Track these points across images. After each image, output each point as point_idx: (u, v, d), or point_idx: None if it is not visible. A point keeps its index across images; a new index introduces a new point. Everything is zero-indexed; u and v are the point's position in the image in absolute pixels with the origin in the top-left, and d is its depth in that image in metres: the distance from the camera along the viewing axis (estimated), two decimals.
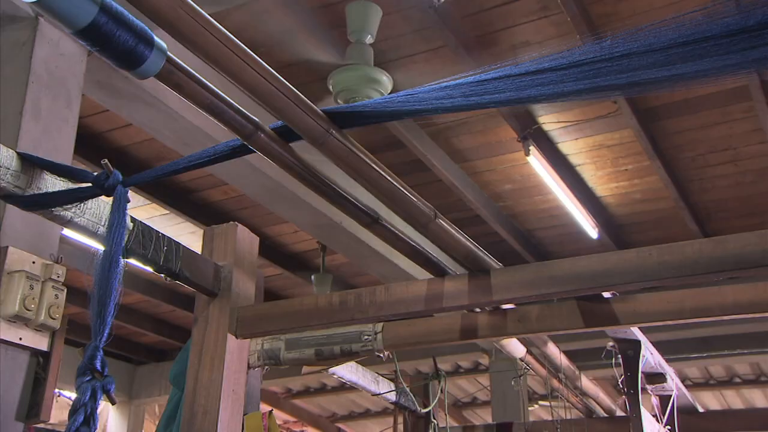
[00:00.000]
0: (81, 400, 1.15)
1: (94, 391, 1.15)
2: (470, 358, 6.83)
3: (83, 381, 1.15)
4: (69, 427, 1.13)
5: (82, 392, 1.15)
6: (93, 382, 1.15)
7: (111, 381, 1.18)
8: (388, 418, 6.26)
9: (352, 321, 2.03)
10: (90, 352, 1.16)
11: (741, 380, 6.39)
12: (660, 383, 2.48)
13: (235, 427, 1.87)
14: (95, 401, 1.15)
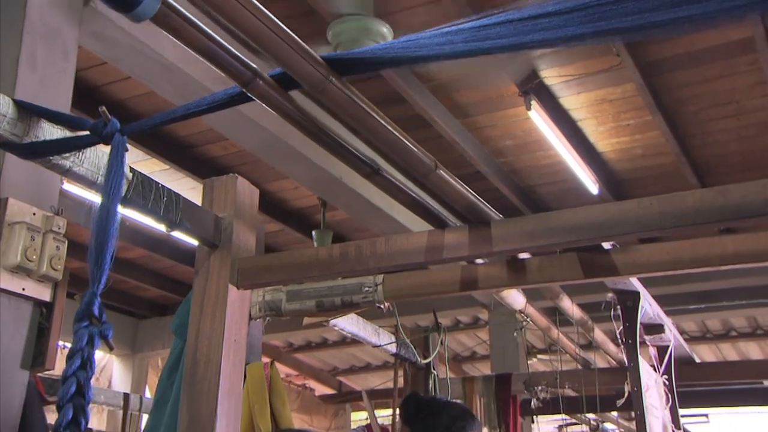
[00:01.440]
0: (77, 346, 1.16)
1: (91, 336, 1.15)
2: (469, 313, 6.90)
3: (80, 327, 1.16)
4: (66, 371, 1.14)
5: (78, 338, 1.15)
6: (90, 328, 1.16)
7: (109, 327, 1.19)
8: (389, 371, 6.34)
9: (352, 272, 2.04)
10: (87, 299, 1.17)
11: (737, 333, 6.46)
12: (658, 334, 2.50)
13: (237, 376, 1.89)
14: (92, 347, 1.16)
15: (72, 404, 1.12)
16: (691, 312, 5.43)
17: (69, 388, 1.13)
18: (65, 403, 1.11)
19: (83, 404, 1.13)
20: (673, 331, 2.58)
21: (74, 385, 1.13)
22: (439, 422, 2.28)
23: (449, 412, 2.33)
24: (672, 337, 2.54)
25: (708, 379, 3.15)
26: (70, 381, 1.13)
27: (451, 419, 2.29)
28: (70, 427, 1.11)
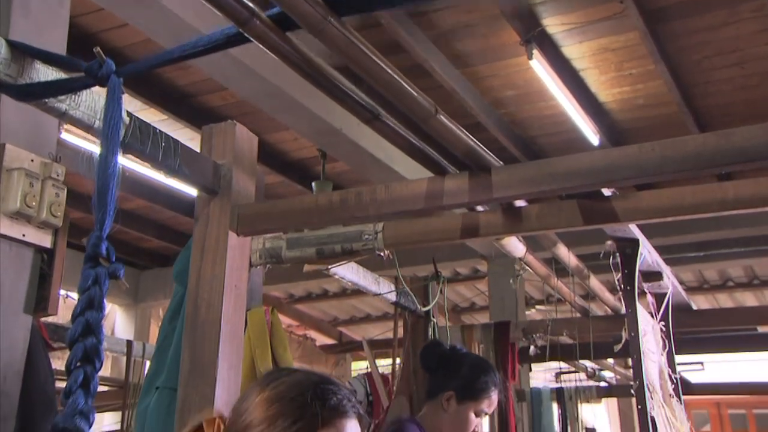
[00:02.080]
0: (84, 285, 1.16)
1: (97, 276, 1.16)
2: (469, 265, 6.95)
3: (86, 268, 1.16)
4: (75, 311, 1.15)
5: (85, 278, 1.16)
6: (97, 269, 1.16)
7: (119, 267, 1.19)
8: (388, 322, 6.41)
9: (352, 219, 2.04)
10: (93, 241, 1.17)
11: (734, 284, 6.52)
12: (656, 281, 2.52)
13: (238, 321, 1.91)
14: (100, 287, 1.16)
15: (82, 344, 1.13)
16: (688, 262, 5.45)
17: (77, 329, 1.14)
18: (75, 342, 1.13)
19: (96, 344, 1.14)
20: (672, 279, 2.59)
21: (83, 325, 1.14)
22: (462, 374, 2.31)
23: (472, 365, 2.36)
24: (670, 284, 2.56)
25: (705, 325, 3.18)
26: (78, 321, 1.14)
27: (474, 373, 2.32)
28: (83, 365, 1.12)
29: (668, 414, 2.15)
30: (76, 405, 1.13)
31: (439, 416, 2.29)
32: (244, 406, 1.16)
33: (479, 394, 2.26)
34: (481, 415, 2.28)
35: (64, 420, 1.09)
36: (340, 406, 1.14)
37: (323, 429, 1.11)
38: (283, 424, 1.10)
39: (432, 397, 2.34)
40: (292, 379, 1.18)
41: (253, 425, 1.12)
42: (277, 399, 1.13)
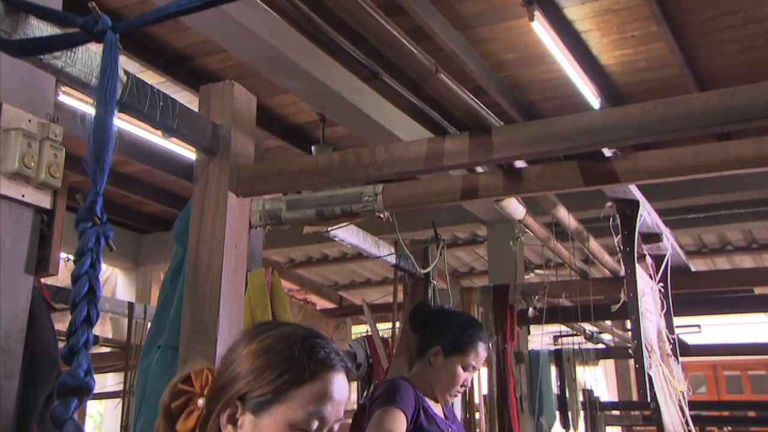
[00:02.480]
0: (86, 246, 1.16)
1: (98, 237, 1.16)
2: (468, 230, 6.95)
3: (86, 227, 1.16)
4: (77, 270, 1.16)
5: (87, 238, 1.16)
6: (97, 228, 1.17)
7: (110, 228, 1.19)
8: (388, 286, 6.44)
9: (351, 180, 2.03)
10: (91, 198, 1.17)
11: (733, 248, 6.53)
12: (656, 243, 2.52)
13: (238, 281, 1.92)
14: (99, 246, 1.17)
15: (86, 301, 1.13)
16: (687, 226, 5.46)
17: (82, 287, 1.14)
18: (80, 301, 1.13)
19: (95, 301, 1.15)
20: (671, 240, 2.60)
21: (87, 284, 1.14)
22: (448, 330, 2.33)
23: (458, 321, 2.38)
24: (669, 246, 2.56)
25: (703, 287, 3.20)
26: (83, 280, 1.15)
27: (459, 328, 2.34)
28: (85, 324, 1.13)
29: (665, 373, 2.18)
30: (83, 363, 1.14)
31: (427, 372, 2.31)
32: (232, 357, 1.17)
33: (465, 347, 2.28)
34: (468, 369, 2.29)
35: (74, 379, 1.10)
36: (327, 360, 1.14)
37: (310, 382, 1.11)
38: (270, 377, 1.11)
39: (421, 355, 2.36)
40: (280, 332, 1.18)
41: (240, 377, 1.13)
42: (264, 352, 1.14)
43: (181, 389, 1.17)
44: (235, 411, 1.12)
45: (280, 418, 1.09)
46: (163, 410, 1.18)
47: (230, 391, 1.13)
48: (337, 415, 1.14)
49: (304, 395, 1.10)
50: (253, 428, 1.10)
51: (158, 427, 1.19)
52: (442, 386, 2.30)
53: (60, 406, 1.06)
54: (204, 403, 1.15)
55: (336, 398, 1.14)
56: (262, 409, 1.10)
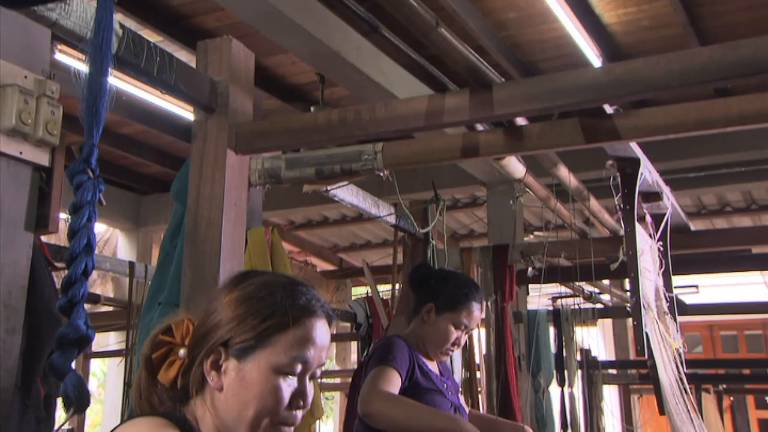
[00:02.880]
0: (85, 199, 1.16)
1: (95, 190, 1.16)
2: (468, 191, 6.94)
3: (84, 180, 1.16)
4: (76, 223, 1.16)
5: (84, 191, 1.16)
6: (94, 181, 1.17)
7: (101, 182, 1.20)
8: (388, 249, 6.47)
9: (351, 138, 2.02)
10: (87, 150, 1.16)
11: (732, 209, 6.53)
12: (656, 202, 2.52)
13: (238, 239, 1.92)
14: (95, 199, 1.17)
15: (84, 254, 1.14)
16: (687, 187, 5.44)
17: (81, 240, 1.15)
18: (79, 253, 1.14)
19: (92, 254, 1.16)
20: (671, 199, 2.59)
21: (85, 238, 1.15)
22: (444, 289, 2.34)
23: (455, 280, 2.39)
24: (669, 205, 2.56)
25: (701, 246, 3.21)
26: (81, 233, 1.15)
27: (455, 286, 2.35)
28: (82, 277, 1.14)
29: (662, 330, 2.19)
30: (82, 314, 1.15)
31: (420, 329, 2.33)
32: (213, 306, 1.17)
33: (458, 305, 2.29)
34: (460, 327, 2.30)
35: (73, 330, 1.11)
36: (309, 306, 1.15)
37: (293, 328, 1.12)
38: (253, 323, 1.12)
39: (416, 312, 2.38)
40: (261, 280, 1.19)
41: (222, 324, 1.14)
42: (246, 299, 1.15)
43: (161, 340, 1.18)
44: (219, 357, 1.13)
45: (263, 363, 1.11)
46: (144, 361, 1.19)
47: (213, 338, 1.14)
48: (319, 360, 1.16)
49: (287, 340, 1.12)
50: (237, 374, 1.12)
51: (139, 378, 1.20)
52: (433, 343, 2.31)
53: (60, 357, 1.07)
54: (185, 352, 1.16)
55: (318, 343, 1.15)
56: (245, 355, 1.12)
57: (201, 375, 1.14)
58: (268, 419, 1.11)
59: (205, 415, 1.14)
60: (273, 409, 1.11)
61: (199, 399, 1.15)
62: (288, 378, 1.12)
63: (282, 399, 1.11)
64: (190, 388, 1.15)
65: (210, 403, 1.14)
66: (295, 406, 1.14)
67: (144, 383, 1.19)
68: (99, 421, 8.15)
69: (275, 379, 1.11)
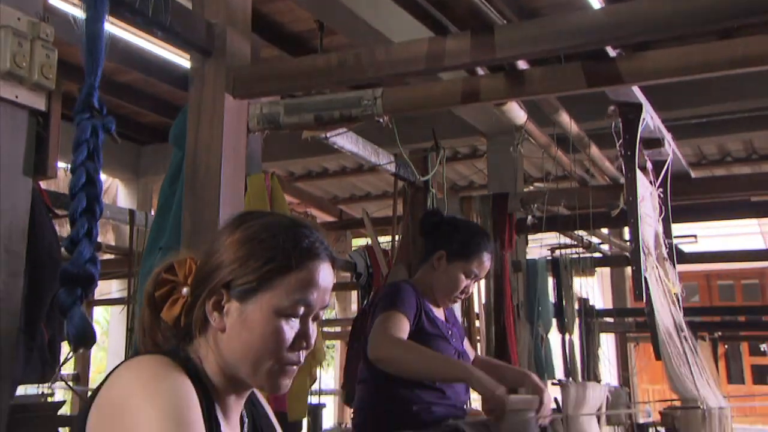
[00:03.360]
0: (82, 137, 1.15)
1: (95, 128, 1.15)
2: (468, 143, 6.91)
3: (82, 118, 1.15)
4: (74, 162, 1.15)
5: (82, 129, 1.15)
6: (92, 120, 1.15)
7: (111, 120, 1.18)
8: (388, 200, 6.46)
9: (350, 81, 2.00)
10: (86, 90, 1.15)
11: (732, 159, 6.50)
12: (657, 148, 2.50)
13: (237, 184, 1.92)
14: (97, 138, 1.15)
15: (84, 193, 1.13)
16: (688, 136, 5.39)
17: (80, 178, 1.14)
18: (78, 191, 1.13)
19: (96, 193, 1.14)
20: (672, 146, 2.58)
21: (84, 174, 1.14)
22: (456, 237, 2.33)
23: (467, 229, 2.39)
24: (670, 151, 2.55)
25: (701, 193, 3.21)
26: (79, 171, 1.14)
27: (467, 235, 2.35)
28: (86, 215, 1.13)
29: (661, 275, 2.21)
30: (85, 253, 1.15)
31: (430, 276, 2.33)
32: (215, 247, 1.16)
33: (470, 254, 2.28)
34: (470, 276, 2.29)
35: (75, 267, 1.11)
36: (312, 249, 1.14)
37: (296, 271, 1.11)
38: (254, 265, 1.11)
39: (425, 259, 2.38)
40: (264, 222, 1.17)
41: (223, 266, 1.13)
42: (247, 240, 1.13)
43: (164, 278, 1.18)
44: (221, 299, 1.13)
45: (265, 306, 1.10)
46: (147, 299, 1.18)
47: (214, 279, 1.13)
48: (322, 302, 1.16)
49: (290, 283, 1.11)
50: (239, 315, 1.11)
51: (143, 316, 1.20)
52: (442, 290, 2.31)
53: (64, 293, 1.08)
54: (188, 291, 1.16)
55: (321, 286, 1.14)
56: (247, 297, 1.11)
57: (203, 315, 1.14)
58: (271, 361, 1.11)
59: (209, 354, 1.15)
60: (275, 351, 1.11)
61: (203, 339, 1.15)
62: (290, 320, 1.12)
63: (284, 341, 1.11)
64: (193, 327, 1.15)
65: (213, 343, 1.14)
66: (298, 347, 1.14)
67: (147, 321, 1.19)
68: (103, 368, 8.29)
69: (277, 322, 1.10)
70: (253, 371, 1.12)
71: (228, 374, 1.14)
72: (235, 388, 1.16)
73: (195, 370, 1.12)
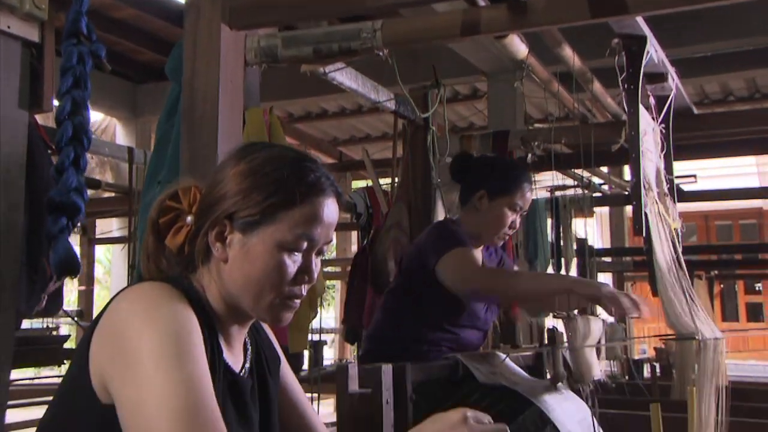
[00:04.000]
0: (68, 63, 1.13)
1: (81, 54, 1.12)
2: (468, 83, 6.83)
3: (69, 44, 1.12)
4: (60, 89, 1.13)
5: (68, 56, 1.12)
6: (79, 47, 1.13)
7: (100, 47, 1.15)
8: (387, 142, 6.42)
9: (348, 12, 1.96)
10: (72, 16, 1.12)
11: (735, 98, 6.43)
12: (660, 83, 2.47)
13: (235, 117, 1.90)
14: (84, 65, 1.13)
15: (71, 121, 1.12)
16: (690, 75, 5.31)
17: (65, 106, 1.12)
18: (63, 119, 1.11)
19: (83, 122, 1.13)
20: (676, 80, 2.54)
21: (70, 102, 1.12)
22: (494, 174, 2.29)
23: (502, 164, 2.38)
24: (674, 86, 2.52)
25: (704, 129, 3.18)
26: (65, 99, 1.13)
27: (504, 170, 2.32)
28: (72, 143, 1.12)
29: (661, 210, 2.21)
30: (70, 182, 1.14)
31: (473, 218, 2.28)
32: (219, 177, 1.15)
33: (511, 188, 2.24)
34: (515, 209, 2.26)
35: (60, 195, 1.10)
36: (318, 184, 1.12)
37: (299, 206, 1.10)
38: (258, 198, 1.10)
39: (465, 203, 2.33)
40: (269, 154, 1.15)
41: (227, 197, 1.12)
42: (252, 173, 1.12)
43: (168, 206, 1.17)
44: (224, 230, 1.12)
45: (268, 239, 1.10)
46: (151, 226, 1.18)
47: (218, 209, 1.12)
48: (326, 237, 1.15)
49: (294, 217, 1.10)
50: (242, 247, 1.11)
51: (146, 242, 1.20)
52: (489, 229, 2.27)
53: (50, 222, 1.07)
54: (192, 220, 1.15)
55: (326, 221, 1.13)
56: (250, 229, 1.11)
57: (206, 245, 1.14)
58: (272, 294, 1.12)
59: (211, 284, 1.15)
60: (277, 285, 1.11)
61: (205, 268, 1.15)
62: (293, 254, 1.11)
63: (286, 275, 1.11)
64: (196, 257, 1.15)
65: (215, 273, 1.14)
66: (300, 281, 1.13)
67: (151, 248, 1.19)
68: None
69: (279, 256, 1.10)
70: (254, 303, 1.13)
71: (230, 304, 1.15)
72: (237, 317, 1.17)
73: (197, 297, 1.12)
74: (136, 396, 0.96)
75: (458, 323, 2.25)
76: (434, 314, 2.22)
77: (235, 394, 1.15)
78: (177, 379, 0.96)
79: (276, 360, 1.31)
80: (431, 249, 2.18)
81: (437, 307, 2.21)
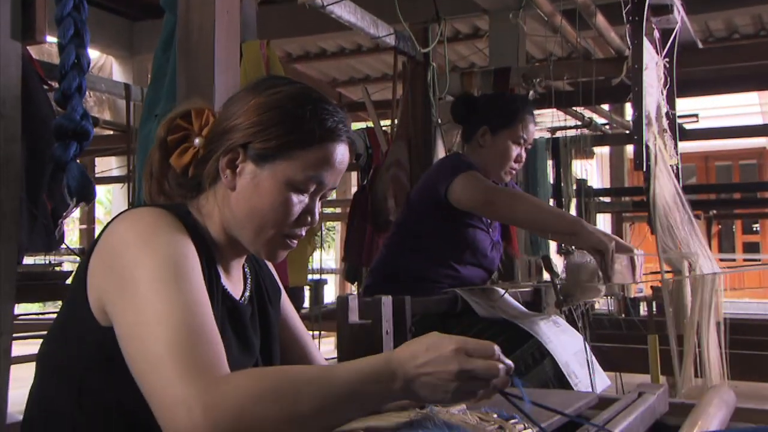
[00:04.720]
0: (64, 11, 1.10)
1: None
2: (469, 22, 6.71)
3: None
4: (59, 12, 1.11)
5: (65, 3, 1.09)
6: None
7: None
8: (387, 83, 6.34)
9: None
10: None
11: (740, 36, 6.32)
12: (665, 15, 2.41)
13: (232, 49, 1.86)
14: (80, 12, 1.10)
15: (73, 45, 1.10)
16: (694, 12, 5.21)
17: (67, 29, 1.10)
18: (66, 43, 1.09)
19: (83, 45, 1.11)
20: (681, 13, 2.50)
21: (72, 26, 1.10)
22: (494, 109, 2.27)
23: (502, 98, 2.35)
24: (679, 19, 2.47)
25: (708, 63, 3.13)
26: (66, 22, 1.10)
27: (505, 103, 2.30)
28: (75, 69, 1.10)
29: (660, 146, 2.20)
30: (78, 108, 1.13)
31: (478, 155, 2.26)
32: (238, 105, 1.14)
33: (513, 120, 2.22)
34: (519, 141, 2.24)
35: (69, 121, 1.09)
36: (336, 129, 1.12)
37: (315, 148, 1.10)
38: (277, 132, 1.10)
39: (469, 141, 2.31)
40: (291, 90, 1.14)
41: (244, 126, 1.11)
42: (272, 107, 1.11)
43: (179, 124, 1.16)
44: (236, 158, 1.12)
45: (279, 174, 1.10)
46: (158, 142, 1.17)
47: (233, 137, 1.12)
48: (334, 182, 1.16)
49: (308, 158, 1.10)
50: (252, 177, 1.11)
51: (152, 157, 1.20)
52: (495, 165, 2.25)
53: (59, 147, 1.07)
54: (201, 142, 1.14)
55: (337, 167, 1.14)
56: (263, 161, 1.10)
57: (215, 171, 1.13)
58: (273, 230, 1.12)
59: (214, 210, 1.15)
60: (280, 222, 1.12)
61: (211, 193, 1.15)
62: (300, 195, 1.12)
63: (291, 214, 1.12)
64: (204, 180, 1.15)
65: (221, 199, 1.14)
66: (303, 222, 1.14)
67: (156, 165, 1.18)
68: None
69: (287, 193, 1.11)
70: (254, 236, 1.13)
71: (228, 233, 1.15)
72: (234, 247, 1.18)
73: (195, 225, 1.12)
74: (133, 318, 0.97)
75: (463, 260, 2.24)
76: (440, 250, 2.22)
77: (234, 320, 1.16)
78: (174, 300, 0.96)
79: (277, 292, 1.33)
80: (442, 178, 2.16)
81: (444, 243, 2.21)
